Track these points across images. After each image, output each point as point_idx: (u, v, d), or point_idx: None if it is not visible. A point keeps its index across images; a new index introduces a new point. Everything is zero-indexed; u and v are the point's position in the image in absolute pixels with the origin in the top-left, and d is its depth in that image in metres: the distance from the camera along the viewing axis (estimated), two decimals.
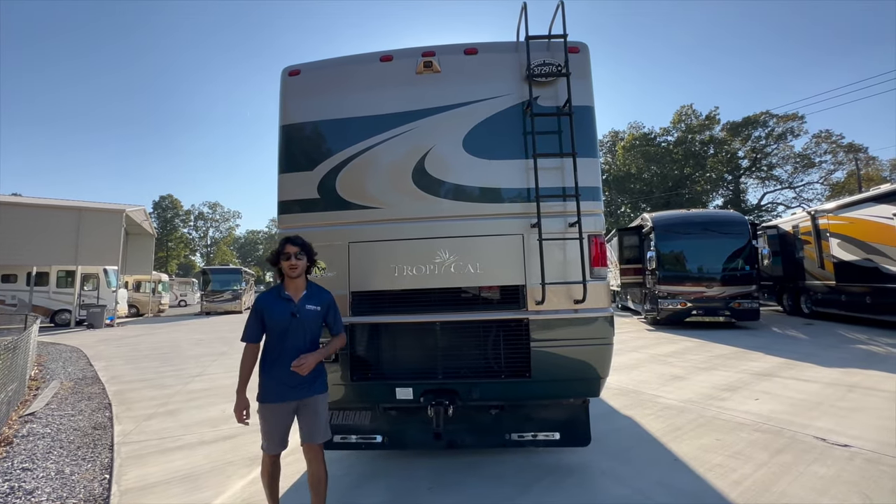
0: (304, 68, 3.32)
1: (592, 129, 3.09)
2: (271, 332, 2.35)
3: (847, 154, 32.86)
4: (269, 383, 2.31)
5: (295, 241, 2.41)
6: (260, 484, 3.15)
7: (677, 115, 37.51)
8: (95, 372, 7.65)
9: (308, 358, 2.28)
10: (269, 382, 2.31)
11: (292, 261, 2.36)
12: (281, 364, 2.30)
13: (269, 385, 2.31)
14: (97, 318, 16.32)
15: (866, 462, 3.20)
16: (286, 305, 2.36)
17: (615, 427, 4.17)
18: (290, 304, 2.36)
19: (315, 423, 2.36)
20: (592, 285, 2.86)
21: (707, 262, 11.16)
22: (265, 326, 2.36)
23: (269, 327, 2.35)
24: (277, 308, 2.35)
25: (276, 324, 2.33)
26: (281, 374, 2.30)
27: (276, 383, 2.30)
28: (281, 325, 2.32)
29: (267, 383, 2.31)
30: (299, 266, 2.38)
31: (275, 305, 2.36)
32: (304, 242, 2.43)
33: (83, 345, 11.30)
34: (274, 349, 2.34)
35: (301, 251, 2.39)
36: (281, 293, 2.39)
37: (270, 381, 2.31)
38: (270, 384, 2.31)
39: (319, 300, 2.46)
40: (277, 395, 2.30)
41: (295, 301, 2.38)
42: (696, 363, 6.95)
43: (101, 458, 3.74)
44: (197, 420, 4.76)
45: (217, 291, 23.92)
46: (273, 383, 2.30)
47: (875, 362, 6.54)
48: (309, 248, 2.45)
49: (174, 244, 60.27)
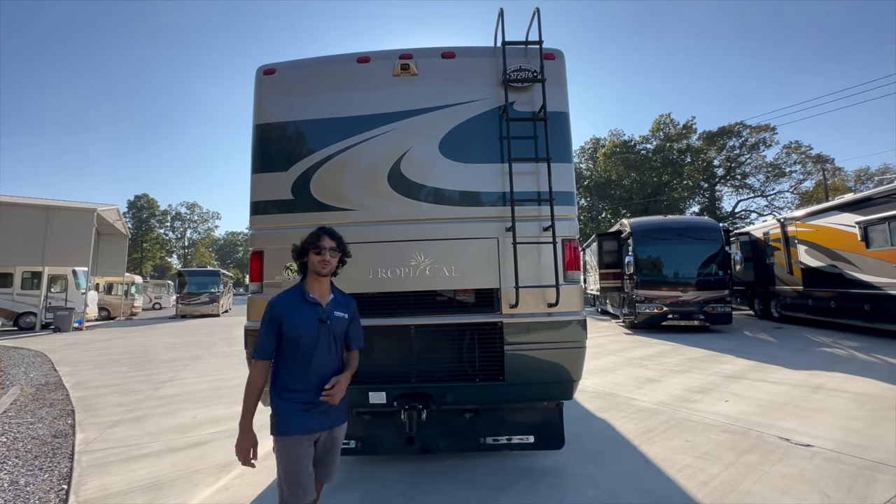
0: (280, 67, 3.27)
1: (567, 134, 3.14)
2: (292, 345, 1.90)
3: (815, 164, 34.29)
4: (291, 409, 1.86)
5: (333, 234, 2.02)
6: (228, 492, 3.08)
7: (656, 124, 38.46)
8: (60, 377, 7.33)
9: (340, 381, 1.91)
10: (290, 408, 1.86)
11: (326, 256, 1.95)
12: (305, 384, 1.89)
13: (291, 412, 1.86)
14: (65, 321, 15.65)
15: (826, 461, 3.31)
16: (313, 311, 1.93)
17: (590, 429, 4.22)
18: (318, 310, 1.95)
19: (335, 458, 2.02)
20: (566, 289, 2.89)
21: (683, 268, 11.46)
22: (281, 337, 1.92)
23: (291, 338, 1.89)
24: (302, 314, 1.91)
25: (300, 334, 1.89)
26: (306, 396, 1.88)
27: (301, 409, 1.87)
28: (307, 335, 1.89)
29: (287, 410, 1.87)
30: (332, 264, 1.99)
31: (298, 310, 1.92)
32: (341, 238, 2.05)
33: (48, 349, 10.83)
34: (294, 366, 1.90)
35: (337, 247, 2.01)
36: (305, 295, 1.96)
37: (292, 407, 1.86)
38: (292, 410, 1.86)
39: (347, 307, 2.08)
40: (303, 425, 1.85)
41: (322, 305, 1.97)
42: (670, 366, 7.10)
43: (60, 468, 3.58)
44: (165, 427, 4.61)
45: (193, 294, 23.29)
46: (296, 409, 1.86)
47: (838, 364, 6.80)
48: (345, 246, 2.07)
49: (149, 245, 58.50)
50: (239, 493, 3.05)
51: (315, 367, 1.90)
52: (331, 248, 1.97)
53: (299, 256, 2.03)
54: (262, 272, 3.00)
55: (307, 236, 2.00)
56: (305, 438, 1.86)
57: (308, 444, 1.88)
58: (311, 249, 1.97)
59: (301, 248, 2.01)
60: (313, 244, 1.97)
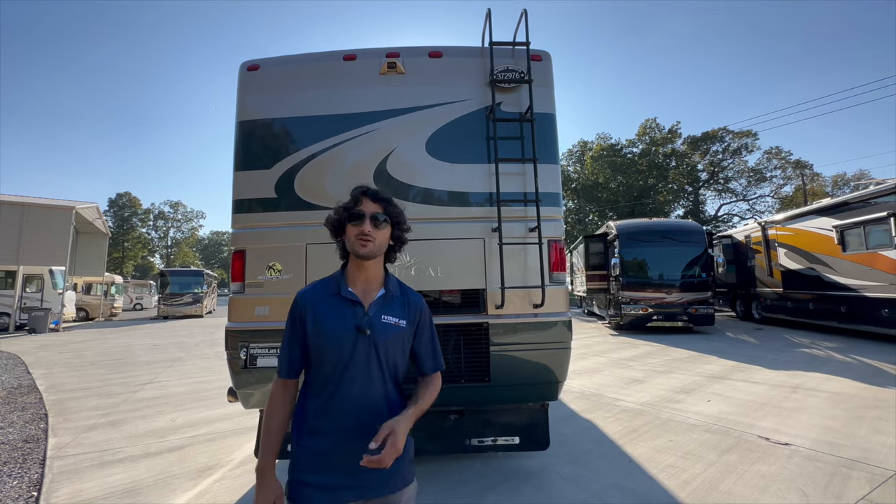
0: (264, 63, 3.21)
1: (553, 135, 3.15)
2: (316, 362, 1.30)
3: (795, 170, 35.24)
4: (308, 465, 1.23)
5: (377, 196, 1.34)
6: (206, 497, 3.00)
7: (642, 128, 39.07)
8: (33, 380, 7.09)
9: (397, 431, 1.14)
10: (306, 463, 1.24)
11: (366, 226, 1.29)
12: (331, 427, 1.25)
13: (307, 469, 1.23)
14: (40, 322, 15.16)
15: (804, 459, 3.38)
16: (349, 311, 1.30)
17: (575, 430, 4.23)
18: (357, 311, 1.30)
19: None
20: (551, 290, 2.90)
21: (667, 270, 11.64)
22: (307, 347, 1.31)
23: (315, 350, 1.29)
24: (332, 314, 1.29)
25: (327, 344, 1.27)
26: (329, 446, 1.23)
27: (321, 465, 1.22)
28: (337, 347, 1.26)
29: (303, 465, 1.24)
30: (378, 239, 1.31)
31: (328, 309, 1.30)
32: (391, 201, 1.37)
33: (22, 351, 10.47)
34: (316, 396, 1.28)
35: (385, 213, 1.33)
36: (341, 287, 1.33)
37: (309, 461, 1.24)
38: (310, 467, 1.23)
39: (406, 308, 1.38)
40: (323, 492, 1.20)
41: (364, 305, 1.32)
42: (654, 367, 7.18)
43: (31, 474, 3.44)
44: (143, 431, 4.48)
45: (176, 294, 22.81)
46: (315, 465, 1.23)
47: (817, 365, 6.97)
48: (400, 214, 1.39)
49: (131, 244, 57.13)
50: (217, 499, 2.98)
51: (346, 400, 1.25)
52: (373, 214, 1.31)
53: (336, 233, 1.38)
54: (245, 272, 2.93)
55: (345, 203, 1.37)
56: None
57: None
58: (348, 220, 1.32)
59: (336, 220, 1.36)
60: (349, 210, 1.33)
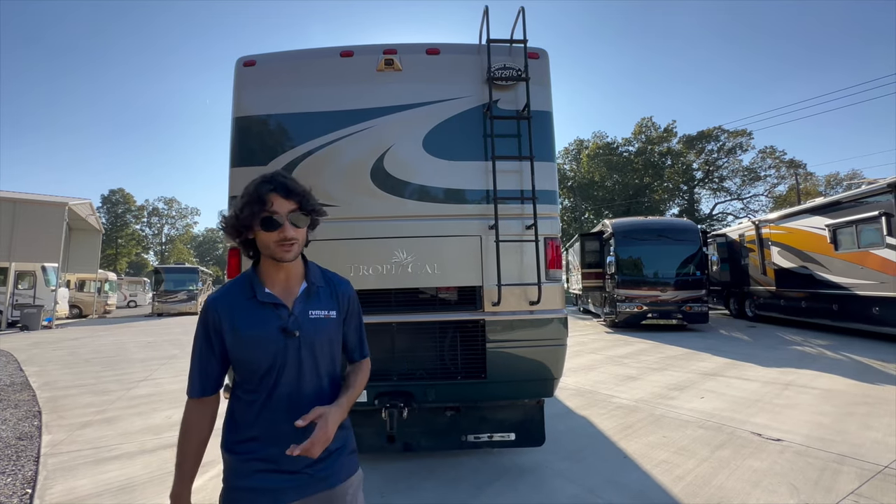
0: (260, 59, 3.20)
1: (550, 133, 3.16)
2: (242, 371, 1.21)
3: (788, 169, 35.54)
4: (246, 470, 1.16)
5: (287, 188, 1.18)
6: (202, 494, 3.00)
7: (638, 127, 39.20)
8: (26, 377, 7.03)
9: (327, 417, 1.12)
10: (244, 468, 1.16)
11: (287, 232, 1.17)
12: (269, 432, 1.18)
13: (246, 473, 1.16)
14: (33, 319, 15.04)
15: (795, 455, 3.42)
16: (271, 315, 1.20)
17: (570, 426, 4.26)
18: (280, 313, 1.21)
19: None
20: (547, 287, 2.91)
21: (662, 268, 11.71)
22: (226, 358, 1.22)
23: (239, 360, 1.20)
24: (252, 321, 1.19)
25: (253, 354, 1.18)
26: (268, 450, 1.16)
27: (261, 469, 1.16)
28: (263, 356, 1.18)
29: (241, 471, 1.17)
30: (300, 239, 1.22)
31: (247, 317, 1.20)
32: (303, 191, 1.22)
33: (14, 348, 10.37)
34: (249, 404, 1.20)
35: (300, 209, 1.20)
36: (258, 290, 1.22)
37: (248, 466, 1.16)
38: (248, 471, 1.16)
39: (333, 297, 1.31)
40: (265, 494, 1.14)
41: (288, 305, 1.23)
42: (649, 364, 7.24)
43: (25, 472, 3.43)
44: (138, 428, 4.46)
45: (170, 291, 22.71)
46: (254, 469, 1.16)
47: (808, 362, 7.05)
48: (315, 202, 1.26)
49: (125, 241, 56.60)
50: (214, 496, 2.97)
51: (282, 403, 1.19)
52: (291, 215, 1.18)
53: (236, 234, 1.21)
54: (241, 269, 2.92)
55: (245, 199, 1.18)
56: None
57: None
58: (254, 223, 1.17)
59: (235, 223, 1.19)
60: (257, 213, 1.16)
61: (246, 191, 1.19)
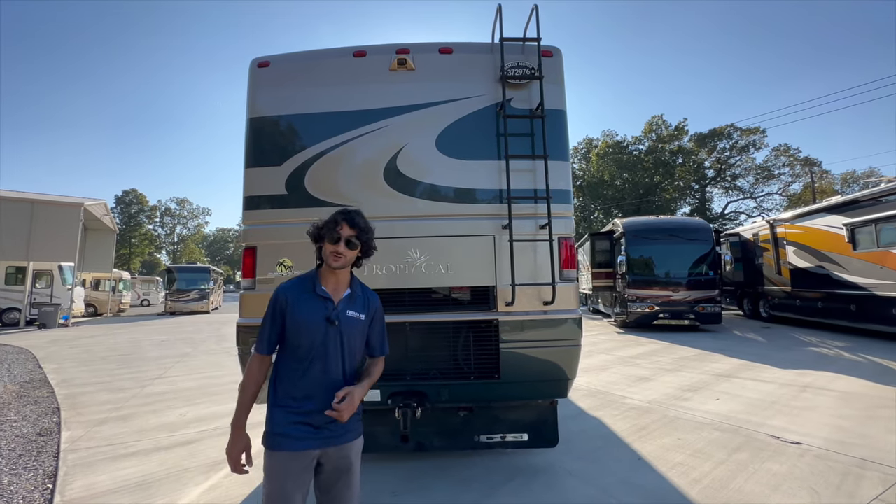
0: (274, 60, 3.22)
1: (564, 132, 3.13)
2: (293, 344, 1.63)
3: (803, 167, 34.88)
4: (285, 421, 1.56)
5: (353, 222, 1.66)
6: (218, 491, 3.03)
7: (648, 125, 38.80)
8: (45, 374, 7.18)
9: (354, 394, 1.56)
10: (282, 419, 1.57)
11: (340, 248, 1.63)
12: (305, 393, 1.59)
13: (284, 423, 1.56)
14: (50, 317, 15.37)
15: (815, 458, 3.35)
16: (321, 306, 1.63)
17: (583, 427, 4.23)
18: (328, 306, 1.64)
19: (348, 484, 1.63)
20: (562, 287, 2.89)
21: (674, 268, 11.57)
22: (284, 332, 1.64)
23: (292, 336, 1.62)
24: (308, 308, 1.63)
25: (304, 331, 1.61)
26: (303, 406, 1.57)
27: (296, 422, 1.56)
28: (311, 334, 1.60)
29: (281, 420, 1.57)
30: (347, 256, 1.66)
31: (305, 304, 1.63)
32: (365, 226, 1.69)
33: (33, 346, 10.60)
34: (293, 370, 1.61)
35: (357, 237, 1.66)
36: (316, 286, 1.67)
37: (286, 418, 1.57)
38: (286, 422, 1.56)
39: (365, 305, 1.74)
40: (297, 440, 1.55)
41: (334, 302, 1.66)
42: (661, 365, 7.16)
43: (45, 467, 3.50)
44: (153, 425, 4.53)
45: (183, 290, 22.96)
46: (291, 421, 1.56)
47: (826, 364, 6.91)
48: (369, 236, 1.72)
49: (138, 241, 57.60)
50: (229, 493, 3.01)
51: (317, 374, 1.60)
52: (348, 238, 1.65)
53: (315, 240, 1.72)
54: (255, 268, 2.95)
55: (327, 219, 1.69)
56: (299, 457, 1.55)
57: (302, 466, 1.56)
58: (326, 237, 1.66)
59: (316, 233, 1.70)
60: (329, 232, 1.65)
61: (331, 217, 1.68)
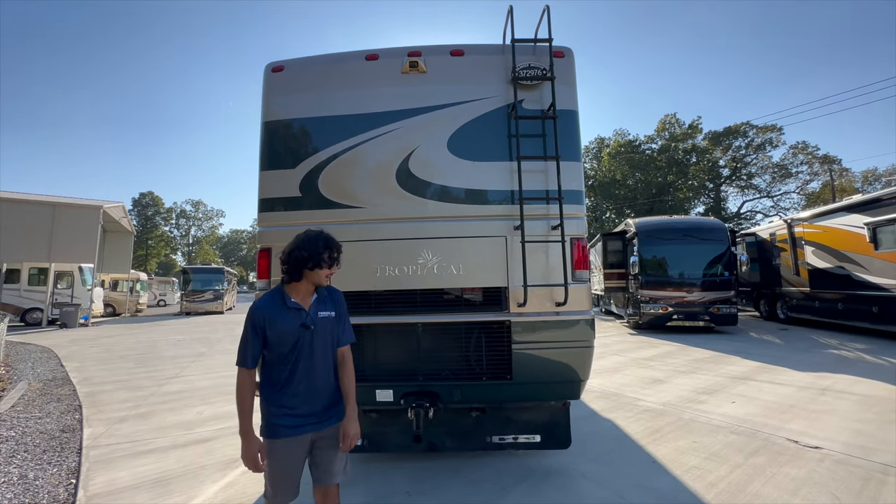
0: (288, 65, 3.27)
1: (576, 132, 3.12)
2: (276, 351, 1.88)
3: (822, 165, 34.05)
4: (277, 413, 1.86)
5: (335, 246, 1.94)
6: (234, 489, 3.09)
7: (661, 124, 38.30)
8: (66, 373, 7.38)
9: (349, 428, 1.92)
10: (276, 412, 1.86)
11: (335, 270, 1.95)
12: (292, 390, 1.86)
13: (278, 415, 1.85)
14: (71, 317, 15.79)
15: (836, 463, 3.28)
16: (295, 316, 1.88)
17: (596, 429, 4.20)
18: (301, 314, 1.89)
19: (335, 459, 1.93)
20: (574, 288, 2.88)
21: (688, 268, 11.39)
22: (266, 344, 1.88)
23: (275, 345, 1.86)
24: (284, 319, 1.86)
25: (283, 340, 1.85)
26: (292, 401, 1.86)
27: (287, 413, 1.86)
28: (290, 341, 1.85)
29: (273, 413, 1.87)
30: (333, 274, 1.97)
31: (280, 317, 1.86)
32: (339, 247, 1.98)
33: (55, 345, 10.90)
34: (280, 372, 1.87)
35: (337, 258, 1.96)
36: (287, 300, 1.89)
37: (279, 411, 1.86)
38: (279, 414, 1.86)
39: (333, 301, 2.00)
40: (290, 428, 1.84)
41: (306, 309, 1.91)
42: (675, 367, 7.06)
43: (69, 462, 3.60)
44: (171, 423, 4.63)
45: (198, 291, 23.37)
46: (282, 413, 1.86)
47: (846, 366, 6.74)
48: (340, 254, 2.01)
49: (154, 242, 58.81)
50: (245, 490, 3.06)
51: (301, 371, 1.87)
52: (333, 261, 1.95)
53: (298, 266, 1.87)
54: (270, 269, 3.00)
55: (312, 247, 1.87)
56: (297, 441, 1.85)
57: (297, 448, 1.86)
58: (324, 263, 1.88)
59: (305, 258, 1.86)
60: (326, 259, 1.88)
61: (318, 245, 1.88)
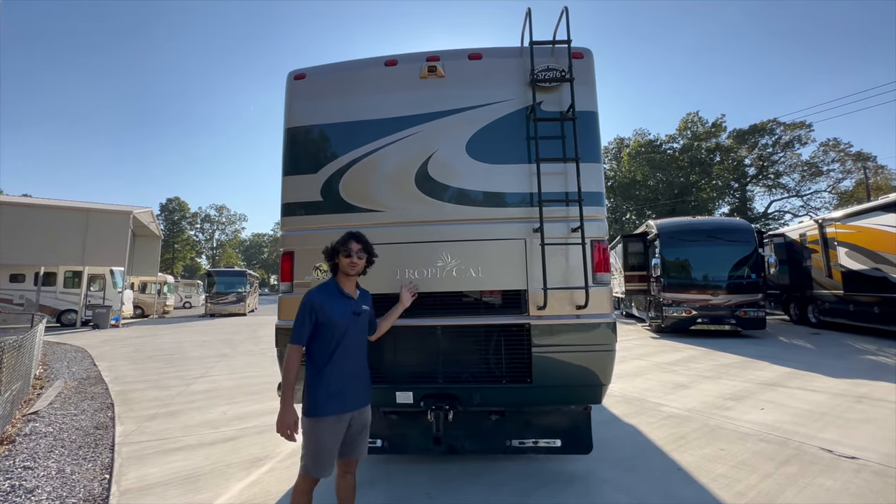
0: (310, 72, 3.35)
1: (596, 134, 3.09)
2: (327, 334, 2.14)
3: (855, 163, 32.54)
4: (325, 393, 2.08)
5: (359, 238, 2.29)
6: (258, 487, 3.16)
7: (683, 123, 37.38)
8: (99, 372, 7.70)
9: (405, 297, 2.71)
10: (323, 392, 2.08)
11: (353, 258, 2.23)
12: (340, 370, 2.12)
13: (325, 395, 2.07)
14: (103, 318, 16.44)
15: (873, 475, 3.13)
16: (347, 304, 2.22)
17: (618, 435, 4.12)
18: (351, 303, 2.23)
19: (365, 437, 2.25)
20: (595, 291, 2.85)
21: (712, 270, 11.08)
22: (317, 326, 2.14)
23: (325, 327, 2.13)
24: (338, 306, 2.17)
25: (336, 324, 2.14)
26: (339, 381, 2.11)
27: (335, 392, 2.08)
28: (342, 325, 2.15)
29: (321, 393, 2.08)
30: (359, 265, 2.26)
31: (334, 303, 2.17)
32: (367, 241, 2.32)
33: (88, 345, 11.37)
34: (327, 353, 2.13)
35: (363, 250, 2.28)
36: (341, 290, 2.24)
37: (326, 391, 2.08)
38: (326, 394, 2.07)
39: (367, 300, 2.37)
40: (337, 406, 2.08)
41: (355, 299, 2.27)
42: (700, 372, 6.87)
43: (102, 458, 3.75)
44: (198, 421, 4.76)
45: (222, 293, 24.01)
46: (330, 393, 2.08)
47: (884, 373, 6.43)
48: (371, 248, 2.34)
49: (180, 246, 60.70)
50: (270, 488, 3.13)
51: (347, 352, 2.16)
52: (357, 250, 2.26)
53: (330, 257, 2.30)
54: (293, 272, 3.06)
55: (337, 240, 2.29)
56: (342, 419, 2.10)
57: (341, 426, 2.11)
58: (341, 252, 2.25)
59: (332, 250, 2.29)
60: (342, 248, 2.25)
61: (340, 238, 2.29)
